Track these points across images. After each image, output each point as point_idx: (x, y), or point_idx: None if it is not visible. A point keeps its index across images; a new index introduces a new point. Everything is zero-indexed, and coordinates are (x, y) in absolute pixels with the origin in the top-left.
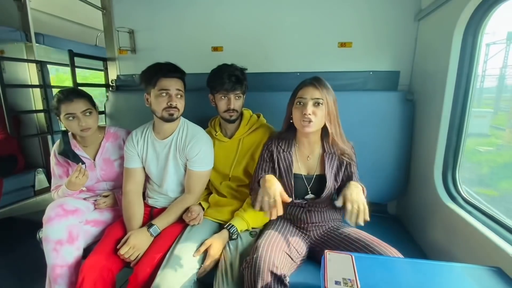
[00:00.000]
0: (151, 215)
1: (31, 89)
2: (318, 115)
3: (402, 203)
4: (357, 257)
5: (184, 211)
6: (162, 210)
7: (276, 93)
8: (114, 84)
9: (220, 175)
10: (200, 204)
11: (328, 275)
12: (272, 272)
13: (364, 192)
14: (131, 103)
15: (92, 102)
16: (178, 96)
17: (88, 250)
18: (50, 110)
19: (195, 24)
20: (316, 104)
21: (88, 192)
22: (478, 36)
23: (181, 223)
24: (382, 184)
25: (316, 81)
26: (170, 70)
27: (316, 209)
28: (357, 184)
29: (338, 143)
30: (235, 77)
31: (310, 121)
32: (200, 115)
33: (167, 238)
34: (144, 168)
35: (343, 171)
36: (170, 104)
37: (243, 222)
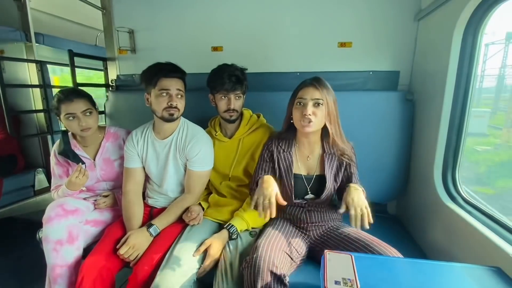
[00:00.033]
0: (151, 215)
1: (31, 89)
2: (318, 115)
3: (402, 203)
4: (357, 257)
5: (184, 211)
6: (162, 210)
7: (276, 93)
8: (114, 84)
9: (220, 175)
10: (200, 204)
11: (328, 275)
12: (272, 272)
13: (364, 194)
14: (131, 103)
15: (92, 102)
16: (179, 96)
17: (88, 250)
18: (50, 110)
19: (195, 24)
20: (316, 105)
21: (88, 192)
22: (478, 36)
23: (180, 223)
24: (382, 184)
25: (316, 81)
26: (171, 70)
27: (316, 209)
28: (356, 186)
29: (338, 143)
30: (235, 77)
31: (310, 121)
32: (200, 115)
33: (167, 238)
34: (144, 168)
35: (343, 171)
36: (171, 104)
37: (243, 222)
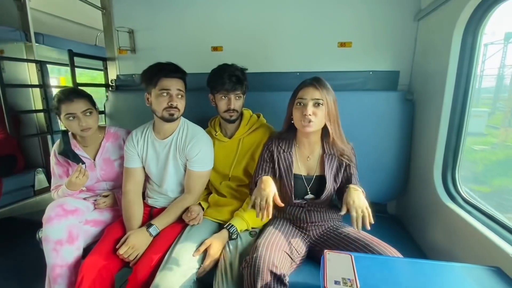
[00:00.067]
0: (150, 215)
1: (30, 89)
2: (318, 115)
3: (401, 203)
4: (356, 256)
5: (184, 211)
6: (162, 210)
7: (276, 93)
8: (114, 84)
9: (220, 175)
10: (199, 204)
11: (327, 274)
12: (271, 272)
13: (363, 195)
14: (131, 103)
15: (92, 102)
16: (179, 96)
17: (88, 250)
18: (49, 110)
19: (195, 24)
20: (316, 105)
21: (88, 192)
22: (477, 36)
23: (180, 223)
24: (382, 184)
25: (316, 81)
26: (172, 70)
27: (316, 208)
28: (356, 187)
29: (337, 143)
30: (235, 77)
31: (310, 121)
32: (200, 115)
33: (167, 238)
34: (144, 168)
35: (343, 172)
36: (171, 104)
37: (243, 222)
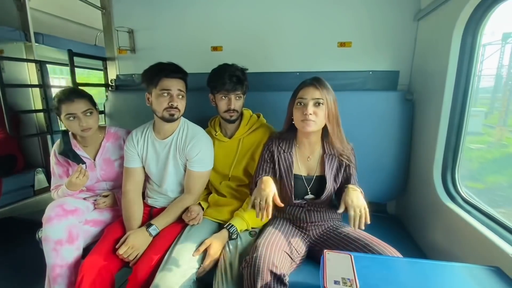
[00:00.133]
0: (150, 215)
1: (30, 88)
2: (318, 115)
3: (401, 203)
4: (356, 256)
5: (184, 211)
6: (162, 210)
7: (276, 93)
8: (114, 84)
9: (219, 175)
10: (199, 204)
11: (327, 274)
12: (271, 272)
13: (362, 195)
14: (131, 103)
15: (92, 102)
16: (180, 97)
17: (87, 250)
18: (49, 109)
19: (195, 23)
20: (317, 104)
21: (88, 192)
22: (477, 36)
23: (180, 223)
24: (382, 183)
25: (316, 81)
26: (173, 71)
27: (316, 208)
28: (354, 187)
29: (336, 143)
30: (236, 77)
31: (310, 121)
32: (200, 115)
33: (166, 238)
34: (144, 168)
35: (342, 172)
36: (171, 104)
37: (242, 222)
